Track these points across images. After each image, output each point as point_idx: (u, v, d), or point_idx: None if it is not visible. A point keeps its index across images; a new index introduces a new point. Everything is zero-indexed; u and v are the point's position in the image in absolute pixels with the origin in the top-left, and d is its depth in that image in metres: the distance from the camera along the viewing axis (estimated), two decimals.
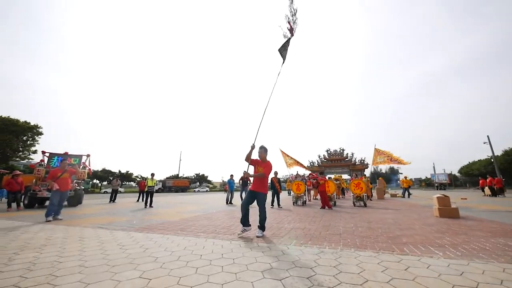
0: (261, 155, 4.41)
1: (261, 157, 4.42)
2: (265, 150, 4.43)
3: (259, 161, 4.43)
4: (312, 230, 4.52)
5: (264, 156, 4.42)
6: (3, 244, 3.53)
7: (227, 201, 11.81)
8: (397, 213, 7.14)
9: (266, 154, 4.43)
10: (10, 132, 15.29)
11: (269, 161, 4.45)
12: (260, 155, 4.42)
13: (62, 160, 7.04)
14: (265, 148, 4.45)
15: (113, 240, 3.75)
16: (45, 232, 4.52)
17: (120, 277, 2.23)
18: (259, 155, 4.44)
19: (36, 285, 2.05)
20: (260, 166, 4.35)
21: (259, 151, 4.43)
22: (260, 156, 4.43)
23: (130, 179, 54.51)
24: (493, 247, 3.17)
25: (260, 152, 4.42)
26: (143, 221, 5.86)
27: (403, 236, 3.94)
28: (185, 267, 2.49)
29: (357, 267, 2.43)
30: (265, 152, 4.42)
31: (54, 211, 6.22)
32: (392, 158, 14.76)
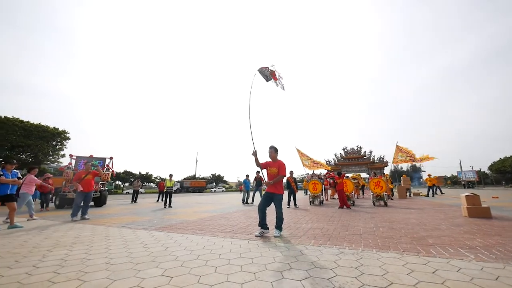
0: (271, 155, 4.38)
1: (271, 156, 4.39)
2: (275, 149, 4.39)
3: (270, 162, 4.39)
4: (331, 230, 4.42)
5: (275, 156, 4.38)
6: (38, 242, 3.79)
7: (243, 201, 11.88)
8: (421, 213, 6.80)
9: (276, 154, 4.40)
10: (41, 137, 16.49)
11: (280, 160, 4.39)
12: (270, 155, 4.38)
13: (85, 163, 7.43)
14: (275, 148, 4.41)
15: (136, 239, 3.90)
16: (74, 231, 4.80)
17: (144, 274, 2.31)
18: (269, 155, 4.41)
19: (67, 281, 2.18)
20: (272, 167, 4.31)
21: (269, 151, 4.40)
22: (270, 156, 4.40)
23: (150, 180, 56.52)
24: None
25: (270, 152, 4.39)
26: (163, 221, 6.05)
27: (428, 237, 3.74)
28: (204, 266, 2.53)
29: (380, 269, 2.34)
30: (275, 152, 4.38)
31: (78, 211, 6.57)
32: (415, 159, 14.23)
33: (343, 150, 50.29)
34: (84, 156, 11.76)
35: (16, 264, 2.68)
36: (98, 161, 12.05)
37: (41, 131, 16.37)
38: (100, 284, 2.10)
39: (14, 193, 5.39)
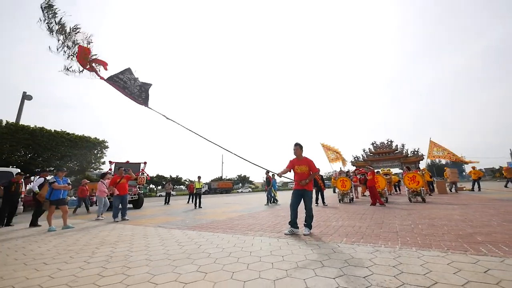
0: (297, 152, 4.29)
1: (296, 154, 4.30)
2: (300, 146, 4.30)
3: (295, 161, 4.32)
4: (363, 228, 4.23)
5: (300, 153, 4.30)
6: (87, 241, 4.20)
7: (270, 200, 11.88)
8: (466, 209, 6.18)
9: (301, 151, 4.31)
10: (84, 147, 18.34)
11: (306, 157, 4.30)
12: (296, 152, 4.30)
13: (119, 168, 8.01)
14: (300, 145, 4.32)
15: (171, 238, 4.13)
16: (117, 230, 5.23)
17: (180, 270, 2.44)
18: (294, 153, 4.32)
19: (114, 275, 2.39)
20: (300, 165, 4.23)
21: (294, 149, 4.31)
22: (296, 154, 4.31)
23: (180, 183, 59.21)
24: None
25: (295, 149, 4.30)
26: (195, 221, 6.31)
27: (477, 234, 3.39)
28: (236, 263, 2.59)
29: (421, 268, 2.19)
30: (300, 149, 4.29)
31: (118, 212, 7.12)
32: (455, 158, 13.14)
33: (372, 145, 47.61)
34: (121, 162, 12.68)
35: (71, 260, 3.00)
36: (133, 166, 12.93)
37: (84, 141, 18.25)
38: (142, 278, 2.26)
39: (65, 198, 6.02)
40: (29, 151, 15.89)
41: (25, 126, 15.57)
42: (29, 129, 15.59)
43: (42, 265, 2.83)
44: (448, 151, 13.41)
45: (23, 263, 2.95)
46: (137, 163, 13.26)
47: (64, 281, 2.27)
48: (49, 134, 16.26)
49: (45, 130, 16.26)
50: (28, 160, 15.91)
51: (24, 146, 15.31)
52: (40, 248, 3.74)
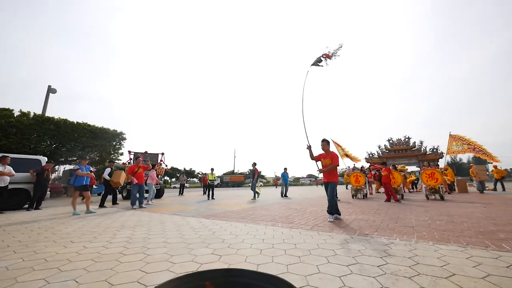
0: (324, 147, 4.79)
1: (324, 149, 4.80)
2: (327, 142, 4.81)
3: (323, 154, 4.80)
4: (378, 222, 4.17)
5: (327, 148, 4.79)
6: (108, 224, 4.45)
7: (282, 194, 11.92)
8: (489, 207, 5.90)
9: (328, 146, 4.81)
10: (104, 138, 19.13)
11: (333, 152, 4.78)
12: (323, 147, 4.79)
13: (137, 158, 8.31)
14: (327, 141, 4.83)
15: (186, 224, 4.28)
16: (135, 216, 5.48)
17: (196, 252, 2.54)
18: (322, 148, 4.82)
19: (135, 254, 2.53)
20: (325, 158, 4.71)
21: (322, 144, 4.81)
22: (323, 149, 4.81)
23: (193, 175, 60.60)
24: None
25: (322, 145, 4.80)
26: (208, 210, 6.48)
27: (500, 231, 3.25)
28: (249, 249, 2.66)
29: (438, 260, 2.14)
30: (327, 144, 4.80)
31: (136, 200, 7.43)
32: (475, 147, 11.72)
33: (388, 141, 46.04)
34: (140, 152, 13.05)
35: (95, 240, 3.20)
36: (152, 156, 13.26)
37: (103, 132, 19.04)
38: (161, 257, 2.38)
39: (88, 184, 6.38)
40: (54, 141, 16.84)
41: (51, 118, 16.49)
42: (54, 120, 16.50)
43: (70, 243, 3.05)
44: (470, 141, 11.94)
45: (53, 240, 3.19)
46: (155, 154, 13.62)
47: (90, 257, 2.44)
48: (72, 125, 17.11)
49: (68, 122, 17.13)
50: (53, 149, 16.90)
51: (50, 137, 16.24)
52: (66, 229, 4.02)
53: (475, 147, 11.78)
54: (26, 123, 15.14)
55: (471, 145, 11.85)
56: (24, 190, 7.61)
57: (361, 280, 1.76)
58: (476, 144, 11.82)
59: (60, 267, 2.14)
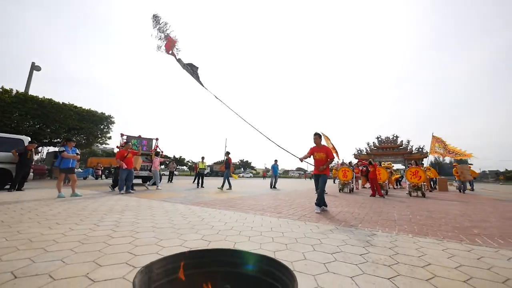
0: (316, 141, 4.80)
1: (316, 142, 4.81)
2: (319, 136, 4.83)
3: (315, 148, 4.81)
4: (362, 215, 4.33)
5: (319, 141, 4.80)
6: (95, 208, 4.39)
7: (271, 185, 12.08)
8: (466, 205, 6.24)
9: (320, 139, 4.83)
10: (91, 121, 18.55)
11: (325, 145, 4.85)
12: (315, 140, 4.81)
13: (126, 143, 8.14)
14: (319, 134, 4.84)
15: (175, 211, 4.29)
16: (123, 201, 5.43)
17: (185, 237, 2.57)
18: (314, 141, 4.84)
19: (123, 237, 2.53)
20: (318, 152, 4.74)
21: (314, 138, 4.83)
22: (315, 142, 4.82)
23: (182, 163, 60.15)
24: None
25: (314, 138, 4.83)
26: (197, 198, 6.50)
27: (473, 227, 3.46)
28: (238, 235, 2.71)
29: (416, 251, 2.27)
30: (319, 138, 4.81)
31: (124, 185, 7.33)
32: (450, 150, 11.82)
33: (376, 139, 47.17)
34: (133, 136, 12.66)
35: (82, 222, 3.16)
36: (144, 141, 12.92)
37: (91, 115, 18.44)
38: (150, 241, 2.39)
39: (74, 167, 6.22)
40: (38, 122, 16.16)
41: (34, 97, 15.73)
42: (38, 99, 15.77)
43: (55, 224, 3.00)
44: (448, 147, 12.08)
45: (37, 221, 3.13)
46: (149, 139, 13.30)
47: (77, 238, 2.42)
48: (57, 106, 16.43)
49: (54, 102, 16.43)
50: (37, 130, 16.23)
51: (33, 116, 15.56)
52: (51, 211, 3.93)
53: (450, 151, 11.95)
54: (8, 101, 14.41)
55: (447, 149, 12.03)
56: (5, 170, 7.34)
57: (343, 267, 1.85)
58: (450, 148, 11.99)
59: (46, 247, 2.12)
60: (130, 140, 11.99)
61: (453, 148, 11.80)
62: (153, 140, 13.34)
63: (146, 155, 12.15)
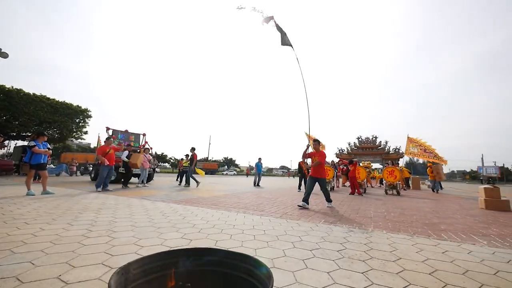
0: (315, 147, 5.46)
1: (314, 148, 5.48)
2: (318, 142, 5.50)
3: (314, 153, 5.42)
4: (341, 212, 4.50)
5: (318, 147, 5.45)
6: (69, 206, 4.17)
7: (254, 183, 12.15)
8: (435, 203, 6.70)
9: (319, 146, 5.47)
10: (66, 115, 17.44)
11: (322, 151, 5.44)
12: (314, 147, 5.47)
13: (107, 138, 7.79)
14: (318, 141, 5.53)
15: (156, 209, 4.19)
16: (100, 199, 5.20)
17: (166, 236, 2.53)
18: (313, 147, 5.50)
19: (99, 236, 2.44)
20: (315, 156, 5.34)
21: (313, 144, 5.49)
22: (314, 148, 5.49)
23: (164, 160, 58.54)
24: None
25: (314, 145, 5.49)
26: (179, 196, 6.38)
27: (441, 223, 3.73)
28: (220, 233, 2.71)
29: (389, 246, 2.42)
30: (318, 144, 5.47)
31: (102, 183, 7.02)
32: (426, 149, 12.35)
33: (357, 139, 49.00)
34: (120, 130, 12.03)
35: (54, 222, 2.99)
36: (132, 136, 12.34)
37: (65, 108, 17.29)
38: (128, 240, 2.33)
39: (46, 162, 5.85)
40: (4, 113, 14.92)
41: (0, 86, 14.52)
42: (4, 89, 14.55)
43: (24, 224, 2.81)
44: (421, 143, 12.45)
45: (3, 221, 2.92)
46: (137, 134, 12.75)
47: (48, 239, 2.29)
48: (27, 97, 15.23)
49: (23, 92, 15.22)
50: (3, 122, 15.00)
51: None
52: (19, 210, 3.68)
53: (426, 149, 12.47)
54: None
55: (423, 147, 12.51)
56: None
57: (322, 263, 1.92)
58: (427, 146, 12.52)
59: (13, 249, 1.98)
60: (117, 134, 11.47)
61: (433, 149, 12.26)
62: (140, 136, 12.85)
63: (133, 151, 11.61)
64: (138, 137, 12.64)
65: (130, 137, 12.12)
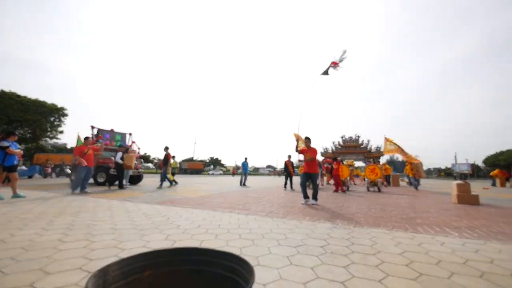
0: (307, 144, 5.74)
1: (307, 145, 5.76)
2: (309, 140, 5.77)
3: (305, 149, 5.69)
4: (325, 209, 4.62)
5: (309, 145, 5.74)
6: (43, 210, 3.93)
7: (240, 183, 12.13)
8: (413, 199, 7.06)
9: (310, 143, 5.75)
10: (39, 113, 16.35)
11: (313, 147, 5.70)
12: (306, 144, 5.75)
13: (86, 138, 7.41)
14: (309, 138, 5.79)
15: (138, 210, 4.06)
16: (77, 202, 4.96)
17: (148, 238, 2.46)
18: (305, 145, 5.77)
19: (77, 241, 2.33)
20: (308, 152, 5.57)
21: (305, 142, 5.78)
22: (306, 145, 5.77)
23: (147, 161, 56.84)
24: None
25: (305, 142, 5.77)
26: (163, 196, 6.23)
27: (417, 218, 3.94)
28: (205, 233, 2.69)
29: (369, 241, 2.52)
30: (309, 141, 5.75)
31: (79, 184, 6.69)
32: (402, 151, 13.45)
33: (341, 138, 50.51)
34: (105, 129, 11.45)
35: (26, 227, 2.81)
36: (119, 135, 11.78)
37: (39, 106, 16.19)
38: (108, 244, 2.24)
39: (17, 164, 5.47)
40: None
41: None
42: None
43: None
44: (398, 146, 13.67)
45: None
46: (123, 133, 12.17)
47: (20, 245, 2.15)
48: None
49: None
50: None
51: None
52: None
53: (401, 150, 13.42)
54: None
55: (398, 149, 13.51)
56: None
57: (306, 258, 1.97)
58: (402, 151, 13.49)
59: None
60: (103, 133, 10.92)
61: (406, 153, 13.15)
62: (127, 135, 12.33)
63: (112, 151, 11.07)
64: (124, 137, 12.13)
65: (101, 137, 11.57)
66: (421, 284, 1.56)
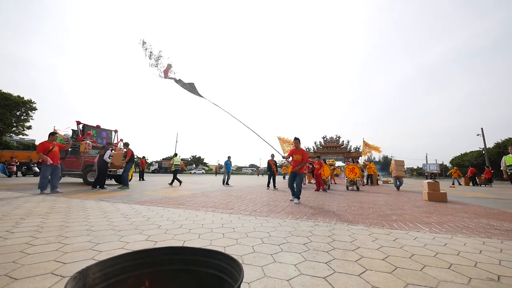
0: (296, 145, 5.75)
1: (296, 146, 5.76)
2: (298, 140, 5.78)
3: (294, 150, 5.73)
4: (307, 208, 4.72)
5: (298, 145, 5.73)
6: (8, 211, 3.62)
7: (223, 182, 12.04)
8: (389, 197, 7.44)
9: (299, 144, 5.74)
10: (2, 106, 14.96)
11: (302, 149, 5.75)
12: (295, 144, 5.77)
13: (51, 134, 6.89)
14: (298, 139, 5.79)
15: (116, 211, 3.88)
16: (47, 202, 4.63)
17: (127, 239, 2.36)
18: (294, 145, 5.82)
19: (47, 244, 2.17)
20: (296, 154, 5.63)
21: (294, 142, 5.83)
22: (295, 145, 5.79)
23: None
24: (476, 225, 3.40)
25: (295, 142, 5.80)
26: (143, 196, 6.01)
27: (393, 214, 4.16)
28: (188, 233, 2.63)
29: (349, 237, 2.61)
30: (298, 142, 5.76)
31: (47, 184, 6.25)
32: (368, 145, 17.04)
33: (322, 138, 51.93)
34: (91, 125, 10.76)
35: None
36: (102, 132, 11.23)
37: (2, 98, 14.80)
38: (83, 246, 2.11)
39: None
40: None
41: None
42: None
43: None
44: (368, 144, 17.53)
45: None
46: (109, 130, 11.52)
47: None
48: None
49: None
50: None
51: None
52: None
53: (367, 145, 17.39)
54: None
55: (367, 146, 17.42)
56: None
57: (288, 256, 2.00)
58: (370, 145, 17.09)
59: None
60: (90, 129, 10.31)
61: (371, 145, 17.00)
62: (112, 132, 11.70)
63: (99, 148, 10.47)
64: (110, 134, 11.55)
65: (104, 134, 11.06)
66: (396, 277, 1.65)
